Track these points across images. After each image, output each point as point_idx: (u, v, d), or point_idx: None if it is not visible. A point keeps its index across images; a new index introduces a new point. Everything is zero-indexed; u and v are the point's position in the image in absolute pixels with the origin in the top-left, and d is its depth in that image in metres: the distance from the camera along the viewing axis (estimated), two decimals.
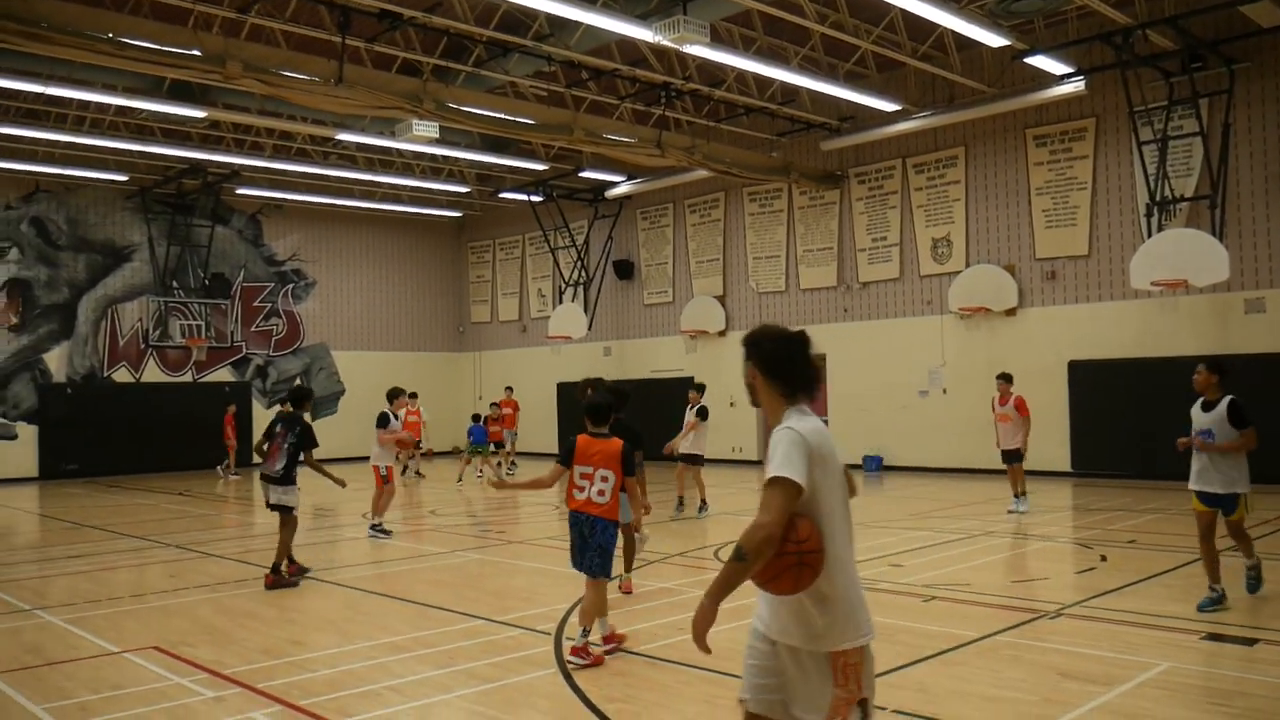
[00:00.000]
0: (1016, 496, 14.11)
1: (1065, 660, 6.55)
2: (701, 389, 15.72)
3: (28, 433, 24.55)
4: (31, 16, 12.00)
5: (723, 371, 25.04)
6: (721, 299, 25.13)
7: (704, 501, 15.08)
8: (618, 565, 7.87)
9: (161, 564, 11.53)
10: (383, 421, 13.46)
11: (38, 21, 12.06)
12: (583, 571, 6.83)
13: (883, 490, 18.30)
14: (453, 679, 6.42)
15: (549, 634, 7.47)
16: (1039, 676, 6.18)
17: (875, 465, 21.47)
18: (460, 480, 21.47)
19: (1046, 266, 19.54)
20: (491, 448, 22.50)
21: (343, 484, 10.53)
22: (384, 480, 13.21)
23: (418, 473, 23.17)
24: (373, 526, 13.13)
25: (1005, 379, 14.31)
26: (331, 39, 15.60)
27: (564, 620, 7.88)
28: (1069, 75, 17.14)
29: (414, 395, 23.66)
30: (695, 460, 15.08)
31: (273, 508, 10.03)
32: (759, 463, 23.83)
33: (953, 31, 16.25)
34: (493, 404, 23.91)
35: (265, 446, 10.12)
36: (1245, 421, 7.84)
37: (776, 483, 3.16)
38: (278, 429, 10.09)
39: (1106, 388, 18.54)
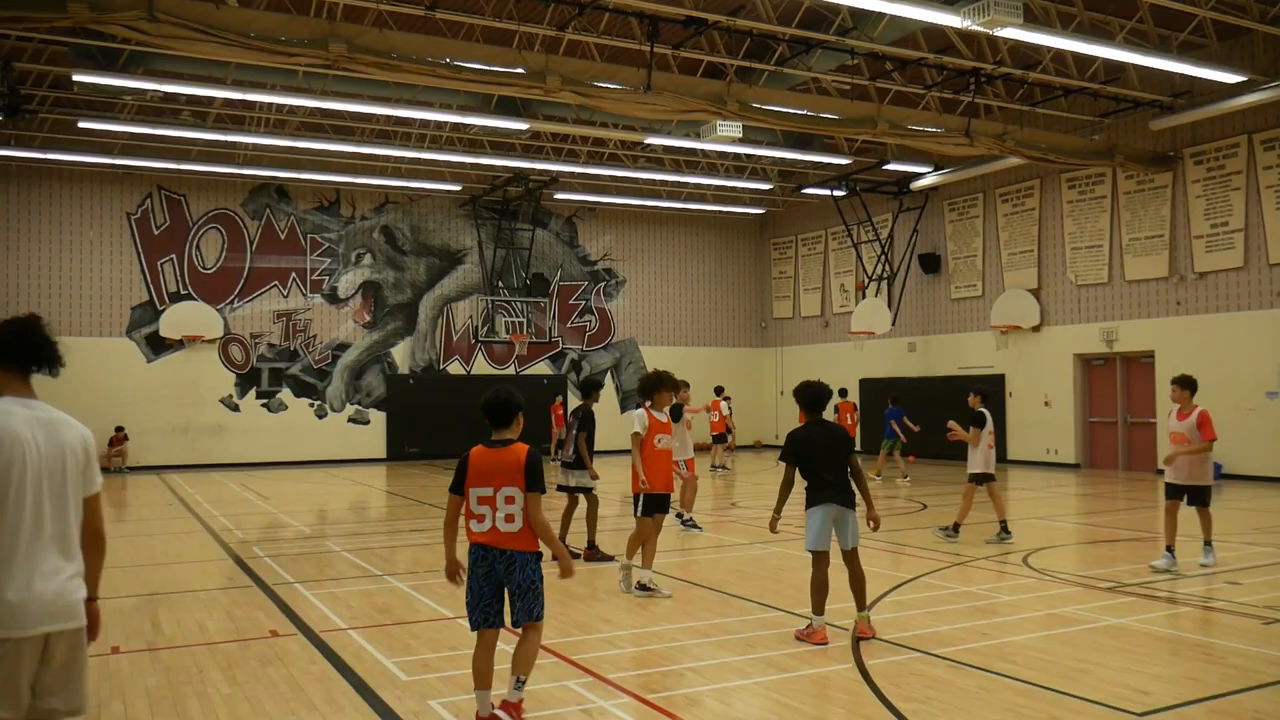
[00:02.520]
0: (1172, 554, 9.98)
1: None
2: (983, 394, 12.37)
3: (378, 418, 27.51)
4: (384, 49, 13.51)
5: (1036, 368, 23.77)
6: (1036, 292, 23.81)
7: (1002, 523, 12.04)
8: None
9: None
10: (676, 414, 13.47)
11: (389, 53, 13.55)
12: (507, 627, 5.35)
13: (1220, 501, 16.65)
14: (751, 666, 6.62)
15: (846, 629, 7.50)
16: None
17: (1215, 473, 19.52)
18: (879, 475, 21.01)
19: None
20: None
21: (595, 476, 10.92)
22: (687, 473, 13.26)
23: (723, 466, 23.67)
24: (683, 520, 13.18)
25: (1182, 384, 10.30)
26: (640, 48, 16.32)
27: (857, 618, 7.88)
28: None
29: (719, 390, 24.39)
30: (985, 479, 12.00)
31: (564, 489, 11.08)
32: (1076, 465, 22.42)
33: None
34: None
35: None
36: None
37: None
38: (571, 419, 11.09)
39: None
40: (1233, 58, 17.66)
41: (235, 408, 26.04)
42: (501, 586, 5.23)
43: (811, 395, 7.47)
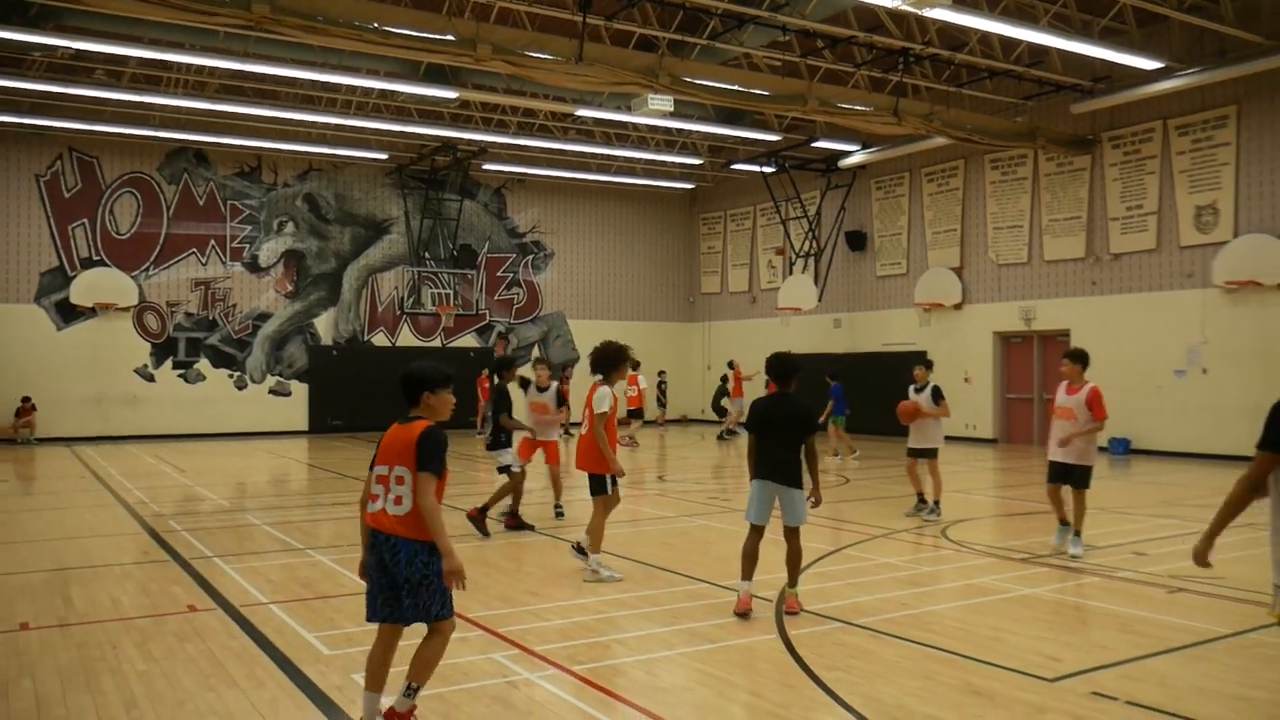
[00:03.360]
0: (1070, 527, 9.68)
1: None
2: (930, 365, 12.96)
3: (299, 390, 27.03)
4: (310, 11, 13.16)
5: (958, 346, 24.26)
6: (958, 271, 24.27)
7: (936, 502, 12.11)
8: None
9: None
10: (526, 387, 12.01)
11: (315, 15, 13.20)
12: (399, 623, 4.75)
13: (1130, 475, 17.25)
14: (676, 637, 6.68)
15: (770, 600, 7.60)
16: None
17: (1122, 448, 20.22)
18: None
19: None
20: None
21: (533, 432, 11.27)
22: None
23: (632, 439, 23.64)
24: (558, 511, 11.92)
25: (1074, 358, 9.74)
26: (573, 18, 16.15)
27: (783, 590, 8.00)
28: None
29: (636, 365, 24.45)
30: (928, 454, 12.23)
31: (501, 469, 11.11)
32: (994, 440, 22.98)
33: None
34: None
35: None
36: None
37: None
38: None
39: None
40: (1151, 44, 18.11)
41: (151, 378, 25.35)
42: (394, 579, 4.62)
43: (780, 367, 7.40)
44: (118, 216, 25.10)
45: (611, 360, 8.62)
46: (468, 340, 29.44)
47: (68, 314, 24.47)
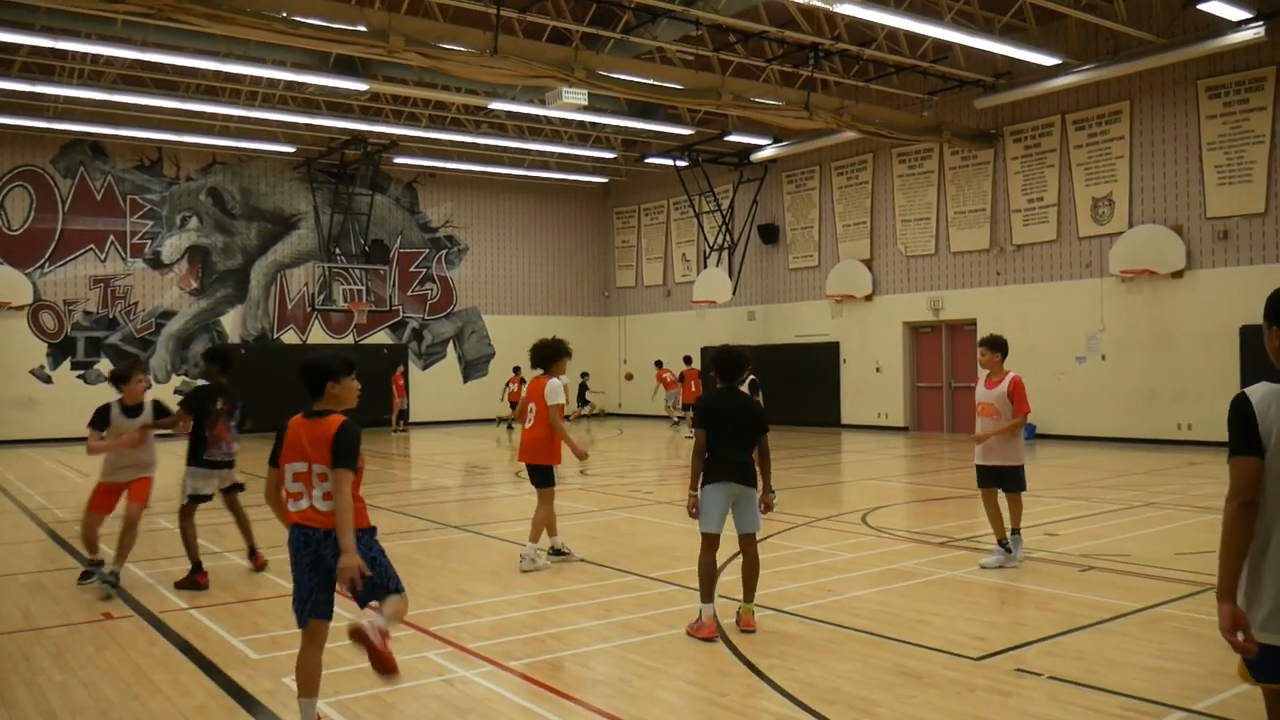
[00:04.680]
0: (1009, 551, 8.49)
1: None
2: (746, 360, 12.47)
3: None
4: None
5: (869, 336, 24.76)
6: (869, 263, 24.76)
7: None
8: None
9: None
10: (100, 421, 8.56)
11: (220, 3, 12.82)
12: (359, 603, 4.67)
13: (1035, 459, 17.82)
14: (610, 630, 6.70)
15: (697, 590, 7.66)
16: (1205, 649, 6.03)
17: (1028, 433, 20.87)
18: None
19: (1218, 226, 18.53)
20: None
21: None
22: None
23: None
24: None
25: (991, 345, 8.75)
26: (486, 10, 16.00)
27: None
28: (1247, 21, 16.13)
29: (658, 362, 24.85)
30: None
31: (227, 490, 8.88)
32: (905, 428, 23.53)
33: None
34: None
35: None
36: None
37: None
38: (219, 406, 8.47)
39: None
40: (1049, 42, 18.71)
41: (48, 379, 24.39)
42: (330, 574, 4.52)
43: (727, 362, 6.77)
44: (9, 211, 24.07)
45: (553, 354, 8.84)
46: (381, 337, 28.98)
47: None
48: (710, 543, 6.59)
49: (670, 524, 11.34)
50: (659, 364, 26.86)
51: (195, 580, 8.20)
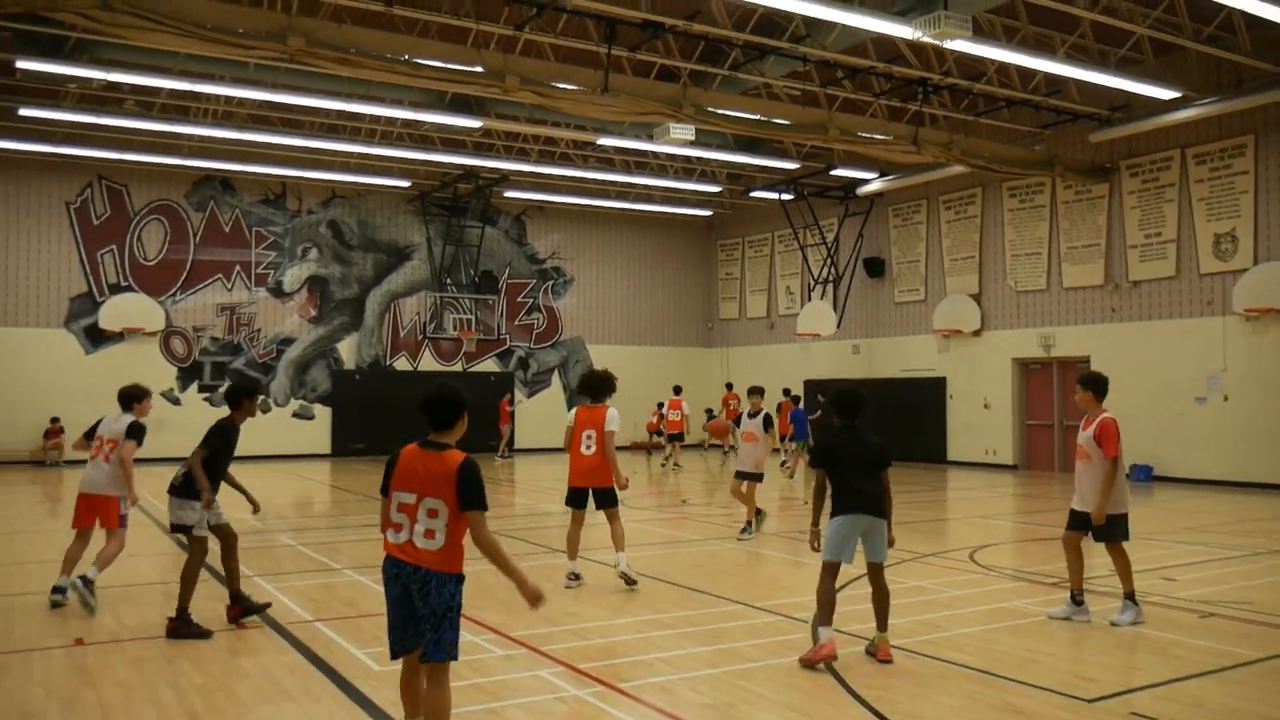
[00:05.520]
0: (1080, 604, 8.00)
1: None
2: (761, 392, 13.02)
3: (323, 414, 27.28)
4: (343, 44, 13.48)
5: (977, 372, 24.37)
6: (977, 297, 24.41)
7: (749, 522, 12.48)
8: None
9: None
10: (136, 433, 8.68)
11: (348, 48, 13.52)
12: (420, 658, 4.56)
13: (1152, 501, 17.29)
14: (718, 656, 6.81)
15: (805, 621, 7.72)
16: None
17: (1144, 475, 20.24)
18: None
19: None
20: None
21: (208, 506, 7.79)
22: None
23: (676, 464, 23.87)
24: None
25: (1084, 383, 8.18)
26: (597, 49, 16.45)
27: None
28: None
29: (678, 389, 24.91)
30: (757, 478, 12.45)
31: (176, 529, 7.85)
32: (1014, 466, 23.03)
33: (1241, 11, 15.07)
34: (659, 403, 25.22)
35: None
36: None
37: None
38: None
39: None
40: (1168, 74, 18.30)
41: (177, 401, 25.63)
42: (414, 613, 4.47)
43: (846, 401, 7.01)
44: (145, 243, 25.48)
45: (607, 385, 9.40)
46: (489, 365, 29.67)
47: (96, 338, 24.79)
48: (831, 571, 6.79)
49: (776, 555, 11.39)
50: (678, 390, 26.32)
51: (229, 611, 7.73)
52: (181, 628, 7.29)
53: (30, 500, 17.63)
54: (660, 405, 26.74)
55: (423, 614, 4.42)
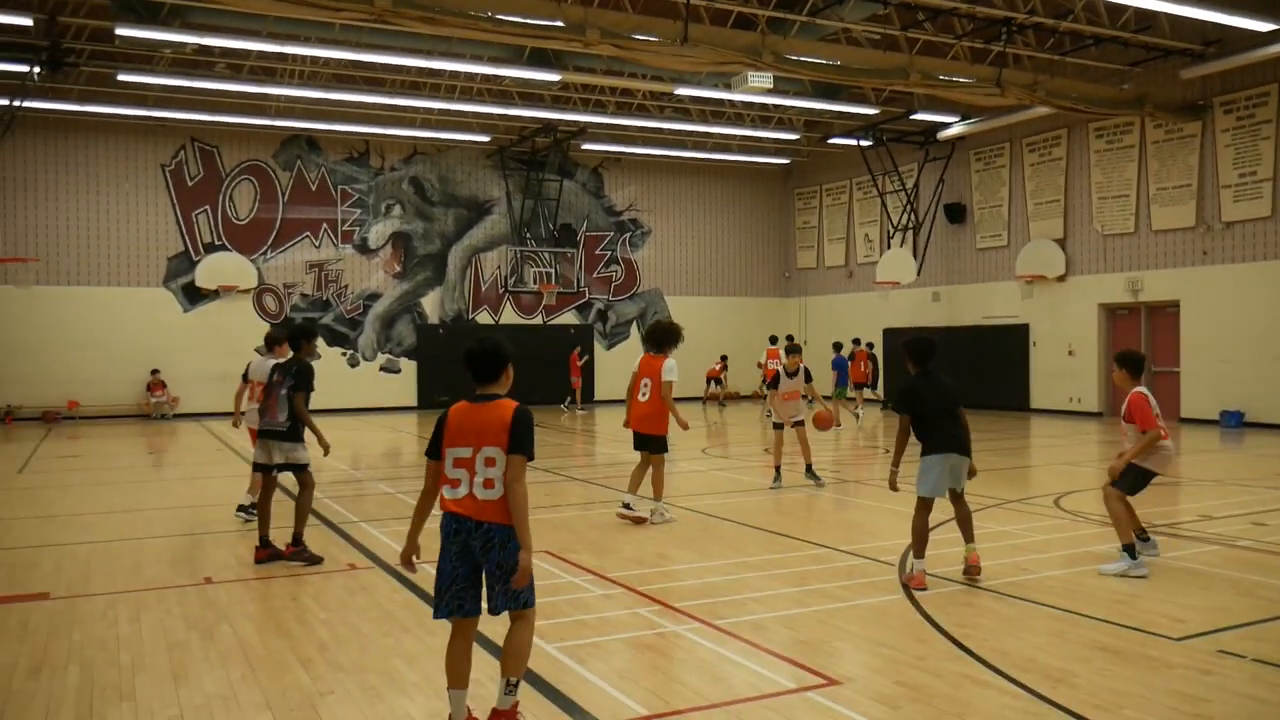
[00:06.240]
0: (1147, 540, 8.16)
1: None
2: (799, 350, 12.98)
3: (409, 367, 28.01)
4: (429, 3, 13.72)
5: (1061, 318, 24.03)
6: (1061, 242, 23.97)
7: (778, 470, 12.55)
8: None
9: (535, 485, 13.07)
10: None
11: (433, 7, 13.76)
12: (490, 610, 4.53)
13: (1243, 447, 17.01)
14: (808, 596, 7.06)
15: (892, 564, 7.93)
16: None
17: (1235, 421, 19.85)
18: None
19: None
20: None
21: (326, 448, 8.67)
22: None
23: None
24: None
25: (1119, 361, 8.45)
26: (675, 0, 16.45)
27: (906, 552, 8.33)
28: None
29: (774, 339, 25.10)
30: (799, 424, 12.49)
31: (281, 468, 8.50)
32: (1099, 414, 22.74)
33: None
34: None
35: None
36: None
37: None
38: (274, 377, 8.43)
39: None
40: (1265, 5, 17.63)
41: None
42: (477, 568, 4.41)
43: (920, 348, 7.56)
44: (237, 203, 26.29)
45: (671, 336, 9.96)
46: (568, 317, 30.08)
47: (193, 296, 25.77)
48: (927, 506, 7.38)
49: (856, 500, 11.58)
50: (772, 340, 26.22)
51: (257, 553, 8.29)
52: (301, 554, 8.23)
53: (139, 451, 18.54)
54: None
55: (489, 569, 4.35)
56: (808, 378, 12.58)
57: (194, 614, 6.73)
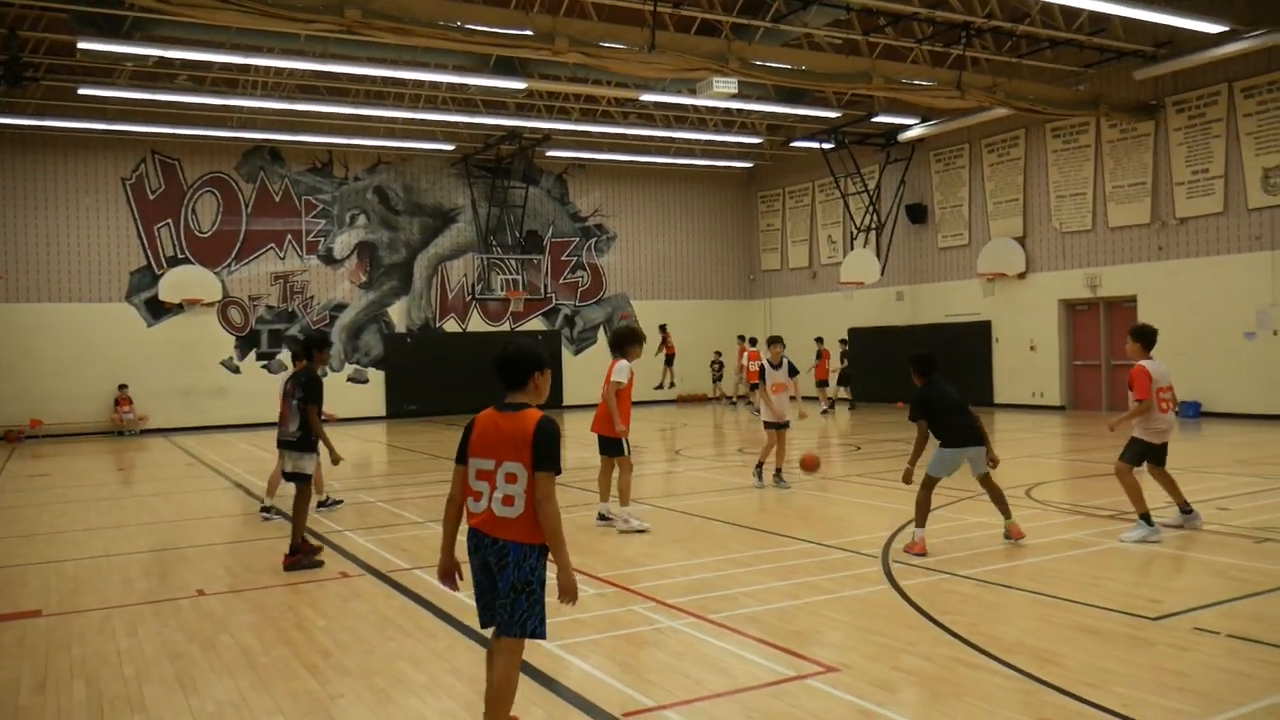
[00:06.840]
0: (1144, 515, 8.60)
1: None
2: (781, 341, 12.86)
3: (376, 377, 27.94)
4: (398, 13, 13.79)
5: (1022, 314, 24.47)
6: (1021, 240, 24.44)
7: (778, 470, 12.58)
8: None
9: None
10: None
11: (403, 17, 13.83)
12: (498, 630, 4.24)
13: (1202, 436, 17.47)
14: (797, 589, 7.23)
15: (875, 556, 8.13)
16: None
17: (1193, 411, 20.36)
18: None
19: None
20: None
21: (336, 459, 9.17)
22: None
23: (756, 410, 24.20)
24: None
25: (1132, 335, 9.02)
26: (641, 7, 16.62)
27: (888, 543, 8.54)
28: None
29: (754, 341, 25.42)
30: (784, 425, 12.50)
31: (288, 476, 8.78)
32: (1061, 408, 23.20)
33: None
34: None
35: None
36: None
37: None
38: (287, 388, 8.90)
39: None
40: (1214, 8, 18.14)
41: (236, 369, 26.37)
42: (495, 586, 4.18)
43: (925, 361, 8.50)
44: (199, 215, 26.09)
45: (626, 338, 9.97)
46: (536, 323, 30.15)
47: (157, 310, 25.53)
48: (931, 483, 8.45)
49: (837, 498, 11.79)
50: (753, 341, 26.83)
51: (285, 560, 8.43)
52: (302, 559, 8.37)
53: (109, 468, 18.37)
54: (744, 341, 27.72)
55: (502, 588, 4.12)
56: (792, 371, 12.54)
57: (192, 625, 6.76)
